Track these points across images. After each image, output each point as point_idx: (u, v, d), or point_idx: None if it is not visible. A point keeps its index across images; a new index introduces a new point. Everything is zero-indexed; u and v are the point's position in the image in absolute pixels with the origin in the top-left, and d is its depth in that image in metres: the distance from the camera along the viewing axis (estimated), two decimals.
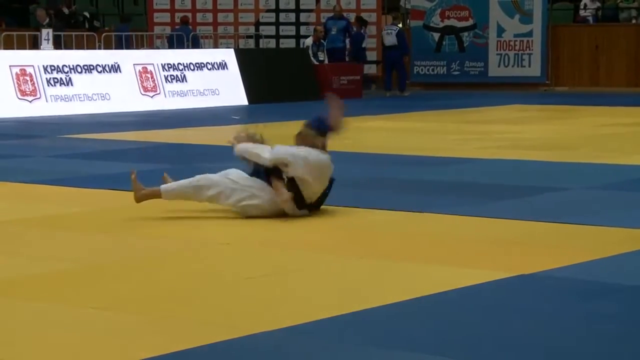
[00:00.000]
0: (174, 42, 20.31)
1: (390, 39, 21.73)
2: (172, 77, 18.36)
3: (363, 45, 22.47)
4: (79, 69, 17.15)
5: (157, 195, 7.03)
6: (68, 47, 18.69)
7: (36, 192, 8.24)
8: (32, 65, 16.58)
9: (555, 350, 4.01)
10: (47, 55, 17.07)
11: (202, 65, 19.01)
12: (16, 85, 16.29)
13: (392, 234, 6.47)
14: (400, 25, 22.66)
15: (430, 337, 4.20)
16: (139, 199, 7.05)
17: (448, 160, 10.06)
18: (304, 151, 6.98)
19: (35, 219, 6.98)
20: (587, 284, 5.09)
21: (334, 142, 7.41)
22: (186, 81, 18.47)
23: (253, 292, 4.99)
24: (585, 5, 23.84)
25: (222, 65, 19.31)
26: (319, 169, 6.96)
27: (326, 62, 21.55)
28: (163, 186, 7.05)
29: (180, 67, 18.60)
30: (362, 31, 22.49)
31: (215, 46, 22.02)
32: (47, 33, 17.52)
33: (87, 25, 22.11)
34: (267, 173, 6.96)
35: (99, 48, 19.14)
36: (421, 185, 8.39)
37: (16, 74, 16.33)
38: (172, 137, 13.14)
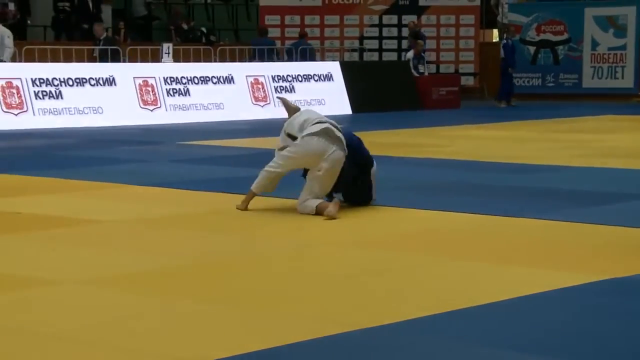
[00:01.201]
0: (293, 55, 20.43)
1: (501, 52, 21.70)
2: (282, 87, 18.53)
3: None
4: (196, 80, 17.46)
5: (252, 195, 7.31)
6: (186, 59, 19.04)
7: (155, 194, 8.41)
8: (154, 77, 16.94)
9: None
10: (167, 68, 17.42)
11: (310, 76, 19.16)
12: (139, 95, 16.67)
13: (483, 238, 6.43)
14: (508, 38, 22.22)
15: (530, 337, 4.14)
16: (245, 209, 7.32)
17: (541, 168, 9.94)
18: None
19: (154, 219, 7.13)
20: None
21: (432, 149, 7.39)
22: (294, 92, 18.63)
23: (353, 290, 5.02)
24: None
25: (329, 77, 19.42)
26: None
27: (426, 74, 21.49)
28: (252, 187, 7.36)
29: (290, 78, 18.77)
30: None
31: (322, 59, 22.17)
32: (167, 47, 17.86)
33: (204, 40, 22.49)
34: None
35: (215, 61, 19.45)
36: (515, 191, 8.31)
37: (139, 84, 16.72)
38: None
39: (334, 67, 19.85)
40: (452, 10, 23.72)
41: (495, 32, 27.51)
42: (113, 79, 16.46)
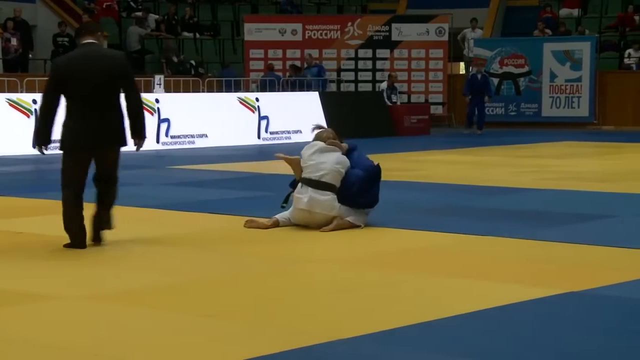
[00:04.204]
0: (267, 86, 20.51)
1: (465, 85, 21.70)
2: (264, 116, 18.49)
3: None
4: (185, 109, 17.39)
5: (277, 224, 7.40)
6: (176, 90, 18.99)
7: (148, 215, 8.36)
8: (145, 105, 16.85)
9: None
10: (159, 97, 17.34)
11: (291, 105, 19.14)
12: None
13: (458, 255, 6.42)
14: (479, 72, 22.05)
15: (490, 346, 4.16)
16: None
17: (508, 190, 9.96)
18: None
19: (148, 239, 7.08)
20: (632, 302, 4.99)
21: (405, 174, 7.39)
22: (276, 120, 18.59)
23: (336, 304, 4.99)
24: (629, 54, 23.51)
25: (309, 106, 19.42)
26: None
27: (399, 103, 21.54)
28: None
29: (273, 107, 18.71)
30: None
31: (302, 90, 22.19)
32: (159, 78, 17.82)
33: (193, 72, 22.46)
34: None
35: (203, 91, 19.42)
36: (482, 212, 8.32)
37: None
38: (263, 168, 13.26)
39: (313, 97, 19.86)
40: (423, 45, 23.82)
41: (462, 64, 27.64)
42: None
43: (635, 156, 14.63)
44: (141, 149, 6.99)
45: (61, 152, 6.62)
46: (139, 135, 6.80)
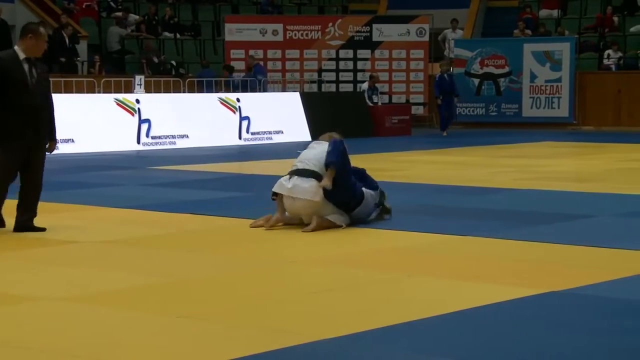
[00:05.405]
0: (248, 86, 20.47)
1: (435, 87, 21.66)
2: (245, 117, 18.46)
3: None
4: (165, 109, 17.34)
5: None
6: (157, 90, 18.92)
7: (129, 215, 8.32)
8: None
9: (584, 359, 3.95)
10: (139, 97, 17.28)
11: (272, 106, 19.12)
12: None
13: (438, 255, 6.43)
14: (445, 72, 22.21)
15: (471, 346, 4.16)
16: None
17: (487, 190, 9.98)
18: None
19: (128, 239, 7.05)
20: (611, 301, 5.02)
21: (386, 174, 7.41)
22: (257, 120, 18.56)
23: (317, 305, 4.99)
24: (608, 55, 23.65)
25: (290, 107, 19.41)
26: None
27: (380, 104, 21.56)
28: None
29: (254, 107, 18.68)
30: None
31: (284, 90, 22.18)
32: (139, 79, 17.75)
33: (173, 72, 22.40)
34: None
35: (183, 92, 19.35)
36: (463, 212, 8.34)
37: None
38: (246, 168, 13.24)
39: (294, 98, 19.85)
40: (403, 45, 23.86)
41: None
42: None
43: (613, 156, 14.71)
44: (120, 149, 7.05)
45: None
46: None
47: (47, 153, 7.39)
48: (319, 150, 7.54)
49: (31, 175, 7.28)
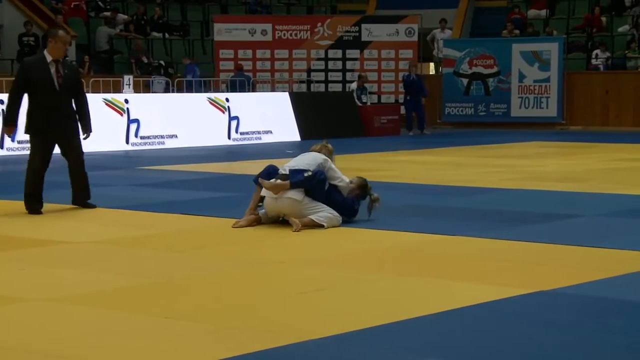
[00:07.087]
0: (237, 86, 20.49)
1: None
2: (234, 117, 18.47)
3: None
4: (154, 110, 17.32)
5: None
6: (146, 90, 18.90)
7: (118, 216, 8.32)
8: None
9: (571, 358, 3.98)
10: (127, 97, 17.26)
11: (261, 106, 19.12)
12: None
13: (427, 255, 6.45)
14: (410, 73, 22.05)
15: (458, 345, 4.18)
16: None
17: (475, 190, 10.02)
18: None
19: (117, 240, 7.05)
20: (597, 300, 5.05)
21: (375, 174, 7.43)
22: (246, 119, 18.57)
23: (304, 305, 5.00)
24: (596, 55, 23.73)
25: (279, 106, 19.42)
26: None
27: (368, 103, 21.59)
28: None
29: (243, 107, 18.69)
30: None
31: (273, 90, 22.19)
32: (128, 79, 17.74)
33: (162, 72, 22.37)
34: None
35: (172, 92, 19.33)
36: (451, 212, 8.36)
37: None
38: (234, 168, 13.24)
39: (283, 98, 19.86)
40: (392, 45, 23.90)
41: (432, 65, 27.78)
42: None
43: (601, 156, 14.77)
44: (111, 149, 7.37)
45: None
46: None
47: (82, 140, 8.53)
48: (308, 157, 7.67)
49: (70, 163, 8.56)
